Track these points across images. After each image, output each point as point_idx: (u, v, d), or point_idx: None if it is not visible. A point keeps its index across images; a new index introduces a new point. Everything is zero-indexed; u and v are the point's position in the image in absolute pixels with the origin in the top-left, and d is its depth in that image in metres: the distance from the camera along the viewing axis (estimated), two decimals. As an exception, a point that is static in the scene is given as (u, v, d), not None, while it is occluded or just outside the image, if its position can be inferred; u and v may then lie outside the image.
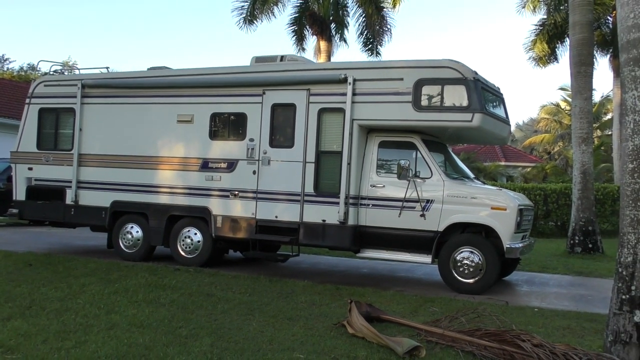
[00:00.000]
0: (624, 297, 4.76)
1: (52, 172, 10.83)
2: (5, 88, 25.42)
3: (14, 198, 11.19)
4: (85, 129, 10.66)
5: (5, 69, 41.67)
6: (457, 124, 8.46)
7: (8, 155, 11.95)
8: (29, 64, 41.69)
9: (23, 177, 11.07)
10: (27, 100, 11.24)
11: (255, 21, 21.10)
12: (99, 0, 79.19)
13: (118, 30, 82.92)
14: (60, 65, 13.05)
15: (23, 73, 40.00)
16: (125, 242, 10.30)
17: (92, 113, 10.66)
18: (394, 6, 21.27)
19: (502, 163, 33.67)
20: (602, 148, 30.72)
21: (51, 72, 12.03)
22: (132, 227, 10.26)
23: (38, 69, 25.39)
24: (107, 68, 11.38)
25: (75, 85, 10.73)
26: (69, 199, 10.63)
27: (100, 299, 6.69)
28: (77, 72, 12.10)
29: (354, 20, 22.09)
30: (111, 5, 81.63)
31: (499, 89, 9.54)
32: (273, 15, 21.45)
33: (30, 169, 11.02)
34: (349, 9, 22.36)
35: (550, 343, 5.01)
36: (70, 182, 10.60)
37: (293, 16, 21.94)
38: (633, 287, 4.70)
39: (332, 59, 21.63)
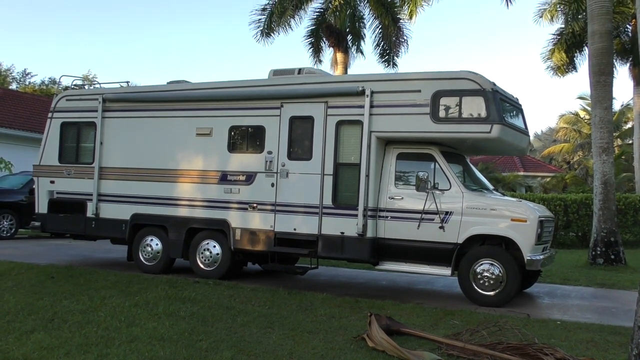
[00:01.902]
0: (649, 310, 4.67)
1: (74, 185, 10.96)
2: (28, 102, 25.87)
3: (36, 211, 11.35)
4: (105, 142, 10.79)
5: (27, 83, 42.45)
6: (476, 135, 8.43)
7: (30, 168, 12.14)
8: (50, 78, 42.52)
9: (45, 190, 11.22)
10: (50, 115, 11.42)
11: (272, 34, 21.23)
12: (117, 15, 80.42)
13: (136, 44, 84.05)
14: (81, 80, 13.25)
15: (44, 87, 40.74)
16: (145, 255, 10.37)
17: (112, 127, 10.80)
18: (411, 17, 21.26)
19: (521, 173, 33.36)
20: (623, 157, 30.34)
21: (72, 87, 12.22)
22: (151, 239, 10.34)
23: (59, 83, 25.76)
24: (127, 82, 11.55)
25: (97, 100, 10.88)
26: (89, 212, 10.74)
27: (121, 312, 6.74)
28: (97, 86, 12.28)
29: (371, 32, 22.19)
30: (129, 19, 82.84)
31: (517, 99, 9.50)
32: (290, 28, 21.56)
33: (52, 182, 11.16)
34: (365, 21, 22.46)
35: (573, 357, 4.95)
36: (91, 195, 10.72)
37: (310, 28, 22.07)
38: (658, 301, 4.62)
39: (349, 71, 21.70)
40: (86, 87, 12.90)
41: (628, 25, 22.26)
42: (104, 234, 11.04)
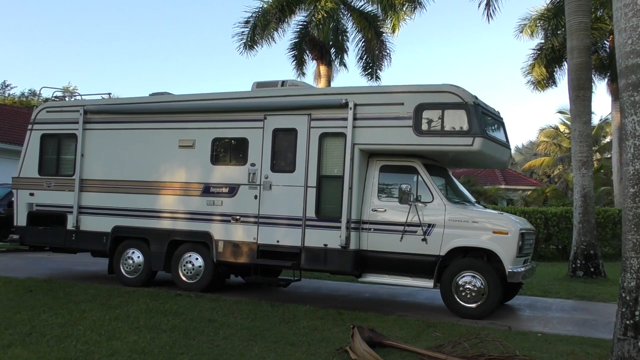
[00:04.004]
0: (628, 322, 4.74)
1: (54, 197, 10.83)
2: (7, 114, 25.54)
3: (14, 224, 11.18)
4: (87, 154, 10.69)
5: (6, 94, 41.97)
6: (458, 148, 8.50)
7: (9, 180, 11.97)
8: (30, 90, 42.04)
9: (24, 203, 11.07)
10: (30, 126, 11.29)
11: (255, 46, 21.24)
12: (98, 26, 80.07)
13: (118, 56, 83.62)
14: (62, 91, 13.15)
15: (24, 99, 40.26)
16: (126, 268, 10.26)
17: (93, 139, 10.71)
18: (393, 31, 21.48)
19: (502, 186, 33.68)
20: (602, 171, 30.80)
21: (53, 98, 12.11)
22: (133, 252, 10.24)
23: (40, 94, 25.54)
24: (109, 94, 11.48)
25: (78, 111, 10.79)
26: (70, 225, 10.61)
27: (101, 325, 6.65)
28: (78, 97, 12.17)
29: (354, 45, 22.36)
30: (111, 30, 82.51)
31: (498, 113, 9.60)
32: (273, 40, 21.59)
33: (31, 194, 11.02)
34: (348, 34, 22.61)
35: (554, 369, 4.98)
36: (72, 207, 10.60)
37: (293, 41, 22.15)
38: (637, 312, 4.69)
39: (332, 84, 21.80)
40: (67, 98, 12.81)
41: (606, 42, 22.73)
42: (84, 247, 10.92)
